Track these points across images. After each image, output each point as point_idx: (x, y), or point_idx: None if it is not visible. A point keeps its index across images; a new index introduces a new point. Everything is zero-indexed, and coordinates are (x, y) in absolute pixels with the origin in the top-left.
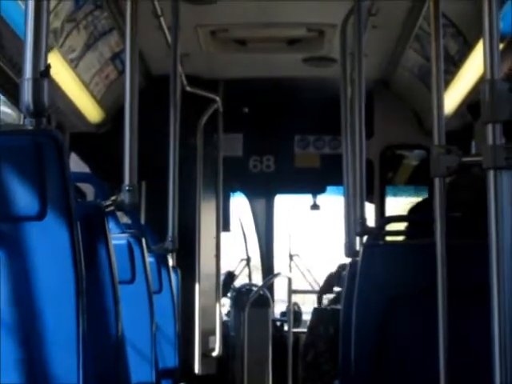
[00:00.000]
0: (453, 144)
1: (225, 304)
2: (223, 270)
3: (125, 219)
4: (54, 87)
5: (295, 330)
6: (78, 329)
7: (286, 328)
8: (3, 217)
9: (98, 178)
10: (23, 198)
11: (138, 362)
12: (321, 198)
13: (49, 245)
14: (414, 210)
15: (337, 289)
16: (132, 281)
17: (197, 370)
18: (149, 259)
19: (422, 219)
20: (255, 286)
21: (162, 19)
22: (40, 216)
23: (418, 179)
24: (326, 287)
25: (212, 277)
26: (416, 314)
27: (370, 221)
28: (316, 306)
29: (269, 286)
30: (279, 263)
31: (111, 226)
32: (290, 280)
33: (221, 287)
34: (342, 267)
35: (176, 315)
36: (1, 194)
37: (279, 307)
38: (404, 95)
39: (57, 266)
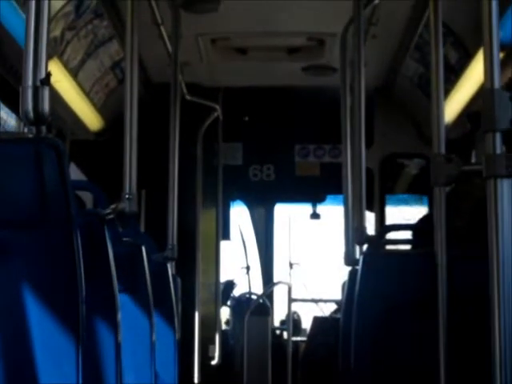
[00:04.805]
0: (453, 153)
1: (224, 312)
2: (223, 278)
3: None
4: (55, 95)
5: (295, 338)
6: (77, 338)
7: (285, 336)
8: (3, 224)
9: (98, 186)
10: (23, 206)
11: (138, 371)
12: (321, 208)
13: (48, 253)
14: (424, 220)
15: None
16: (132, 289)
17: (196, 378)
18: (148, 268)
19: (422, 228)
20: (255, 294)
21: (162, 28)
22: (40, 224)
23: (418, 188)
24: None
25: (212, 285)
26: (415, 323)
27: (370, 229)
28: None
29: (268, 295)
30: (279, 272)
31: (111, 234)
32: (289, 288)
33: (220, 296)
34: None
35: (175, 324)
36: (1, 202)
37: (279, 316)
38: (404, 104)
39: (56, 274)
